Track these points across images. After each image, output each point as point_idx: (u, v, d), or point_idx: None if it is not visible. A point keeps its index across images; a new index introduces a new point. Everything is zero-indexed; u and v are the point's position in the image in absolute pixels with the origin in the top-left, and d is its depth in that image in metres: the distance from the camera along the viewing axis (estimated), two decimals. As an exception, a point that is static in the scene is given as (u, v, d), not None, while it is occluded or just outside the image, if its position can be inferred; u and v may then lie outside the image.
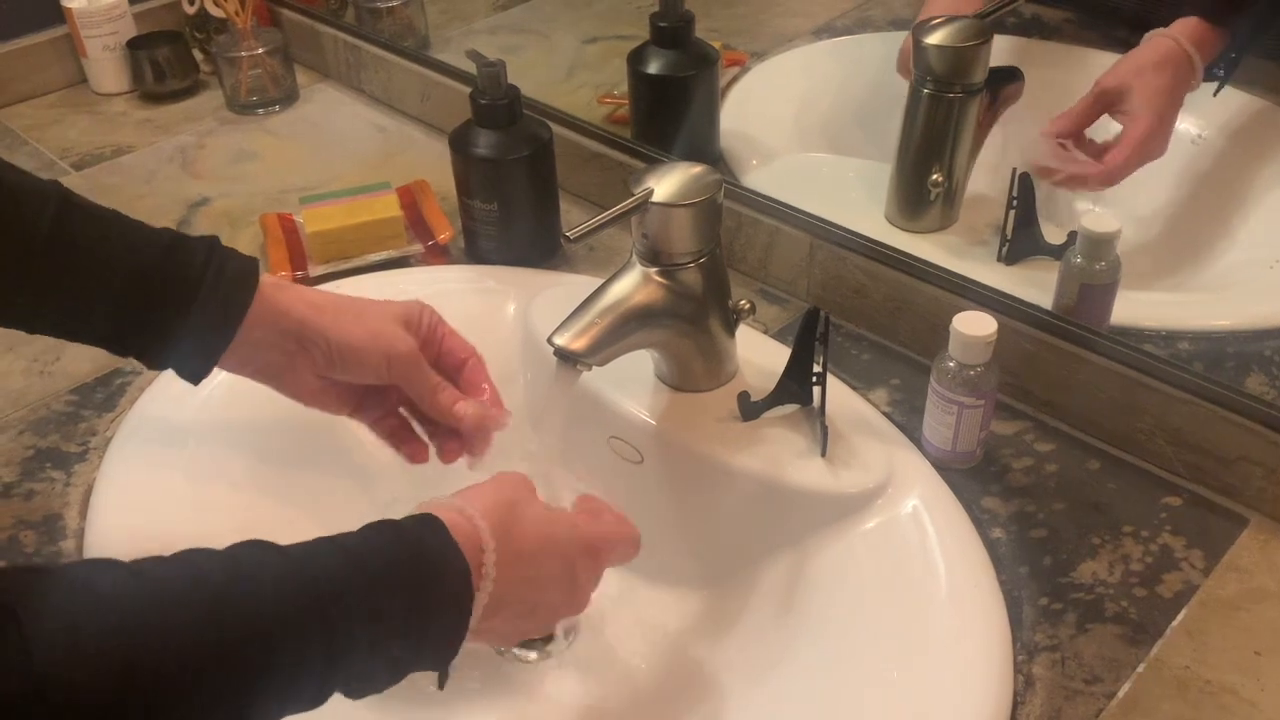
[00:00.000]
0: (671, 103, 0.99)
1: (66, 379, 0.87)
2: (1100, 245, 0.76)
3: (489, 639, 0.60)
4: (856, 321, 0.88)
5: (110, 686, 0.43)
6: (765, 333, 0.88)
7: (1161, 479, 0.75)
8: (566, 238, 0.68)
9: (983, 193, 0.91)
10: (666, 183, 0.70)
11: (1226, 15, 0.81)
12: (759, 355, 0.79)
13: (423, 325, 0.72)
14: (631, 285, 0.71)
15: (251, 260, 0.67)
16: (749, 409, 0.74)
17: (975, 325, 0.70)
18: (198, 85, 1.31)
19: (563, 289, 0.83)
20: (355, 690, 0.52)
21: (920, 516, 0.69)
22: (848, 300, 0.88)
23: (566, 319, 0.69)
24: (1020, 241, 0.86)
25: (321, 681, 0.50)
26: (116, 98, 1.31)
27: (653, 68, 0.97)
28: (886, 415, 0.79)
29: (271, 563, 0.50)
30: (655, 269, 0.71)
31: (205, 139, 1.21)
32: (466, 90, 0.93)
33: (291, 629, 0.48)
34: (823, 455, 0.72)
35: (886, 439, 0.75)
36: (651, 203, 0.69)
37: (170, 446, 0.77)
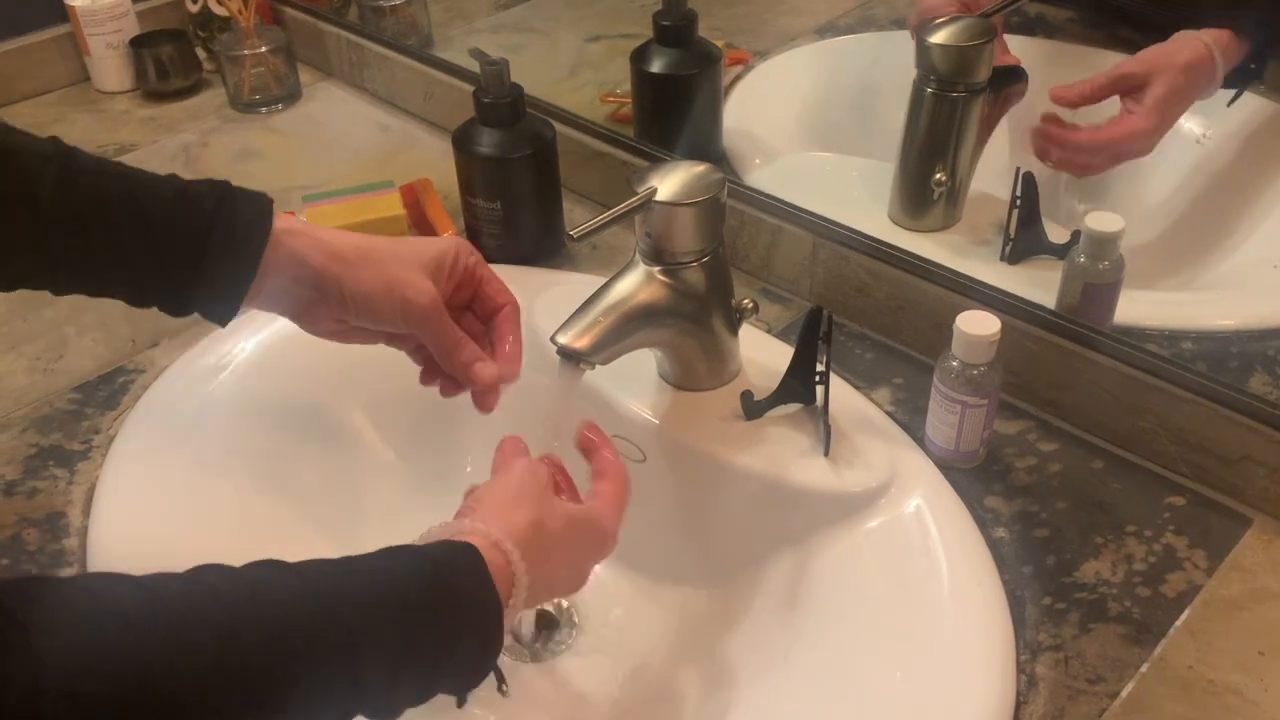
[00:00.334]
0: (674, 101, 0.99)
1: (69, 377, 0.87)
2: (1104, 244, 0.76)
3: None
4: (859, 321, 0.88)
5: (118, 704, 0.41)
6: (768, 332, 0.88)
7: (1165, 478, 0.75)
8: (570, 236, 0.68)
9: (986, 192, 0.91)
10: (670, 181, 0.70)
11: (1254, 29, 0.81)
12: (762, 354, 0.79)
13: (457, 268, 0.69)
14: (634, 284, 0.71)
15: (263, 205, 0.65)
16: (752, 408, 0.74)
17: (978, 324, 0.70)
18: (201, 84, 1.31)
19: (566, 288, 0.83)
20: (376, 713, 0.51)
21: (923, 516, 0.69)
22: (851, 299, 0.88)
23: (569, 318, 0.69)
24: (1023, 241, 0.86)
25: (341, 712, 0.49)
26: (119, 96, 1.31)
27: (656, 66, 0.97)
28: (889, 414, 0.79)
29: (289, 585, 0.48)
30: (658, 268, 0.71)
31: (208, 137, 1.21)
32: (469, 89, 0.93)
33: (310, 656, 0.47)
34: (826, 454, 0.72)
35: (889, 438, 0.75)
36: (655, 201, 0.69)
37: (173, 445, 0.77)
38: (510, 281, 0.90)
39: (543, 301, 0.85)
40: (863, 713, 0.61)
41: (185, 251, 0.63)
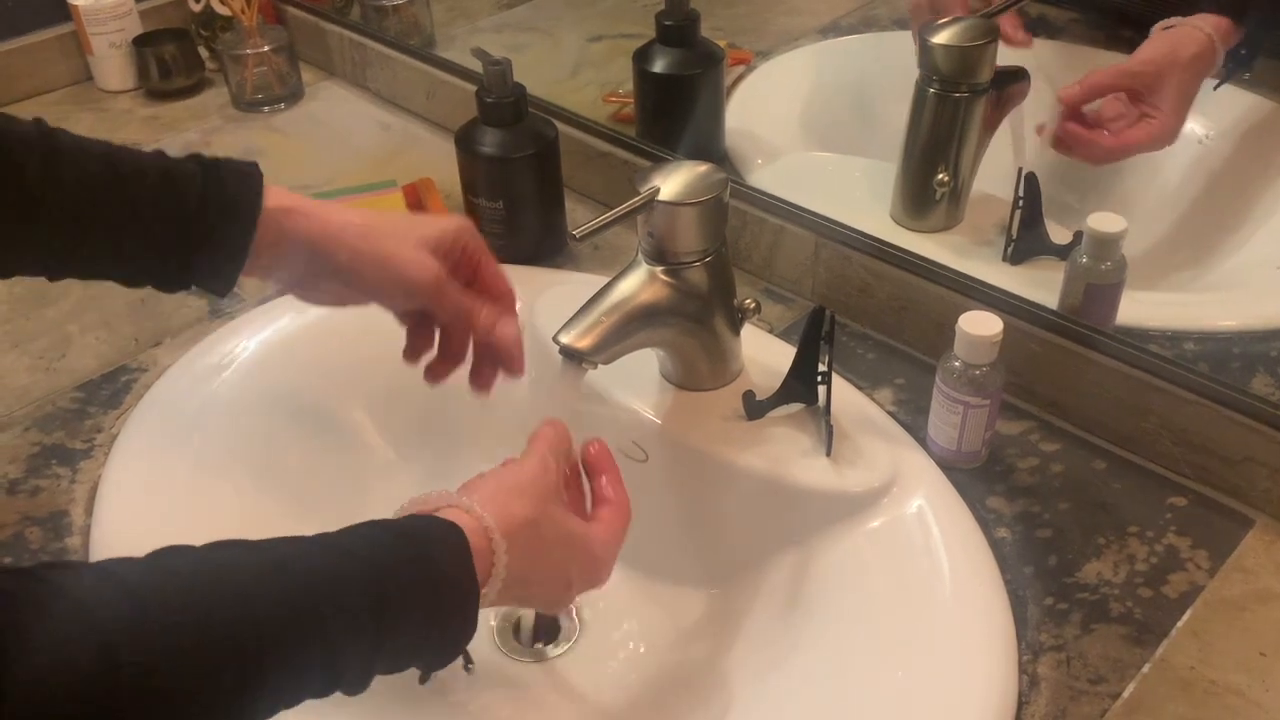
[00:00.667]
0: (677, 101, 0.99)
1: (72, 376, 0.87)
2: (1106, 245, 0.76)
3: None
4: (861, 321, 0.88)
5: (89, 696, 0.40)
6: (770, 332, 0.88)
7: (1167, 479, 0.74)
8: (572, 236, 0.67)
9: (988, 192, 0.91)
10: (672, 181, 0.70)
11: (1248, 13, 0.81)
12: (764, 354, 0.79)
13: (455, 248, 0.68)
14: (637, 284, 0.71)
15: (250, 184, 0.63)
16: (754, 408, 0.74)
17: (981, 325, 0.70)
18: (203, 83, 1.31)
19: (568, 287, 0.83)
20: (347, 689, 0.50)
21: (925, 516, 0.69)
22: (853, 299, 0.88)
23: (572, 317, 0.69)
24: (1026, 241, 0.86)
25: (320, 684, 0.48)
26: (122, 95, 1.31)
27: (658, 66, 0.97)
28: (891, 415, 0.79)
29: (250, 564, 0.47)
30: (661, 268, 0.71)
31: (211, 136, 1.22)
32: (472, 88, 0.93)
33: (282, 642, 0.46)
34: (827, 454, 0.72)
35: (891, 438, 0.75)
36: (658, 201, 0.69)
37: (176, 443, 0.77)
38: (512, 281, 0.90)
39: (545, 301, 0.85)
40: (864, 713, 0.61)
41: (176, 234, 0.62)
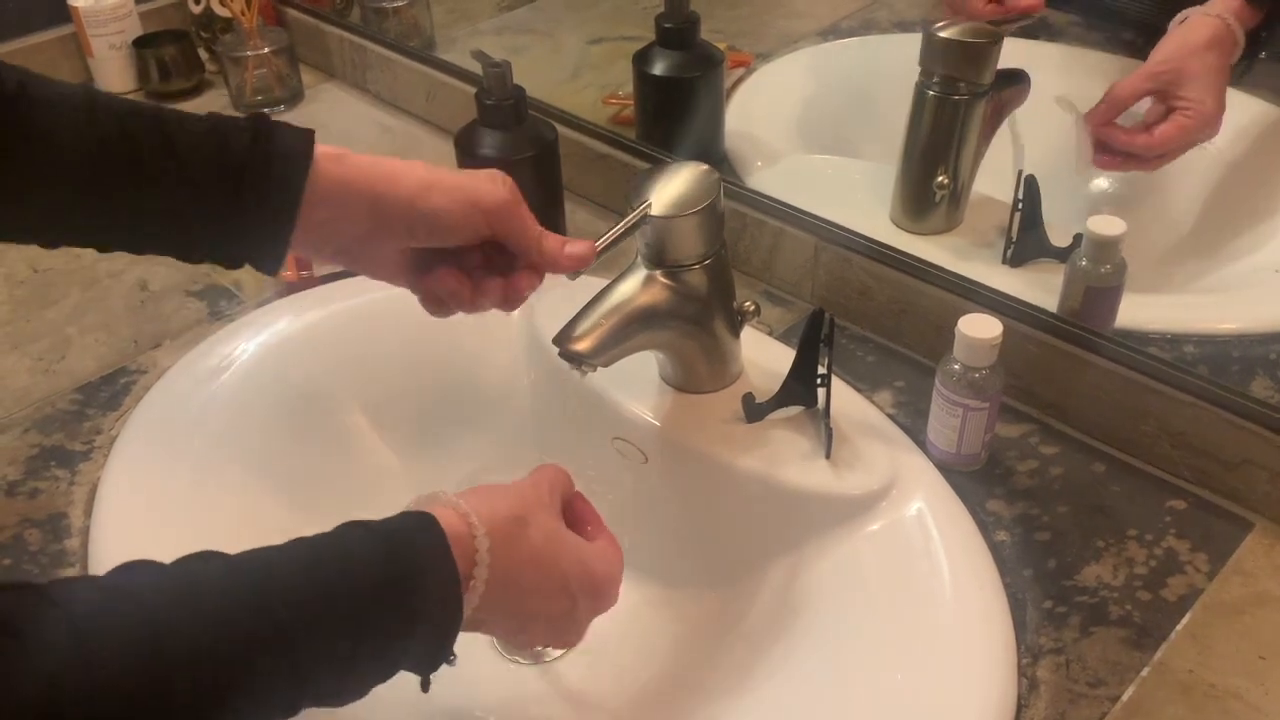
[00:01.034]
0: (676, 104, 0.99)
1: (71, 377, 0.87)
2: (1106, 248, 0.76)
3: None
4: (861, 323, 0.88)
5: None
6: (770, 334, 0.88)
7: (1166, 482, 0.74)
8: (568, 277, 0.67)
9: (988, 195, 0.91)
10: (666, 190, 0.69)
11: None
12: (763, 357, 0.79)
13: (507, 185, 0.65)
14: (636, 287, 0.71)
15: (302, 136, 0.61)
16: (753, 410, 0.74)
17: (980, 328, 0.70)
18: (203, 84, 1.31)
19: (567, 290, 0.82)
20: (326, 702, 0.49)
21: (924, 519, 0.69)
22: (852, 302, 0.88)
23: (571, 320, 0.69)
24: (1025, 244, 0.86)
25: (288, 703, 0.47)
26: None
27: (658, 69, 0.97)
28: (891, 417, 0.79)
29: (212, 585, 0.46)
30: (660, 270, 0.71)
31: (210, 138, 1.21)
32: (472, 90, 0.93)
33: (245, 663, 0.44)
34: (827, 457, 0.72)
35: (891, 441, 0.75)
36: (650, 216, 0.69)
37: (175, 445, 0.77)
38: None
39: (544, 304, 0.85)
40: (863, 716, 0.61)
41: (222, 189, 0.59)
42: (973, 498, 0.73)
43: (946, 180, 0.90)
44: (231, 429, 0.79)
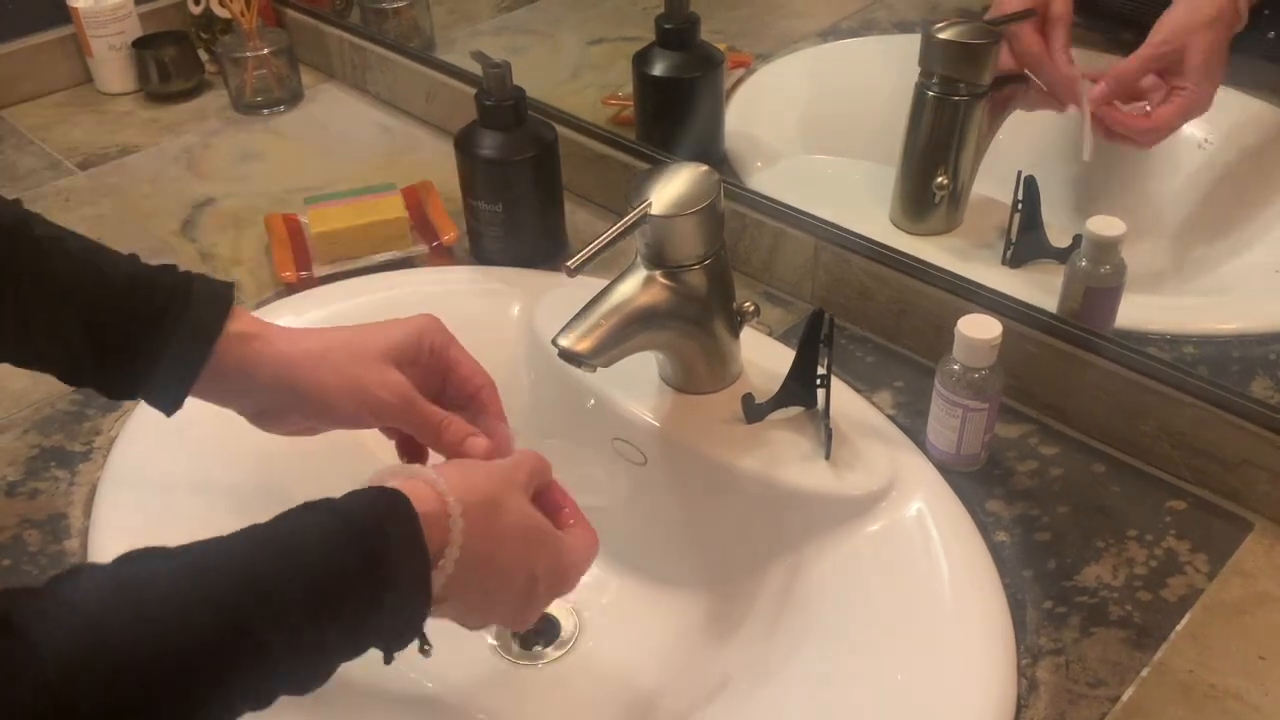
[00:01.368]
0: (676, 104, 0.99)
1: (71, 378, 0.87)
2: (1105, 248, 0.76)
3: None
4: (861, 324, 0.88)
5: None
6: (769, 335, 0.88)
7: (1166, 483, 0.74)
8: (568, 270, 0.66)
9: (988, 195, 0.91)
10: (666, 191, 0.69)
11: None
12: (763, 357, 0.79)
13: (423, 351, 0.66)
14: (636, 287, 0.71)
15: (220, 299, 0.62)
16: (753, 411, 0.74)
17: (980, 328, 0.70)
18: (203, 85, 1.31)
19: (567, 290, 0.82)
20: (292, 691, 0.48)
21: (924, 519, 0.69)
22: (852, 303, 0.88)
23: (571, 320, 0.69)
24: (1025, 244, 0.86)
25: (261, 691, 0.46)
26: (122, 97, 1.31)
27: (658, 69, 0.97)
28: (890, 418, 0.79)
29: (163, 581, 0.45)
30: (660, 271, 0.71)
31: (210, 139, 1.22)
32: (472, 91, 0.93)
33: (204, 662, 0.43)
34: (826, 458, 0.72)
35: (890, 442, 0.75)
36: (650, 215, 0.69)
37: (174, 446, 0.77)
38: (511, 284, 0.91)
39: (544, 304, 0.85)
40: (863, 716, 0.61)
41: (126, 344, 0.60)
42: (972, 498, 0.73)
43: (946, 181, 0.90)
44: (231, 429, 0.78)
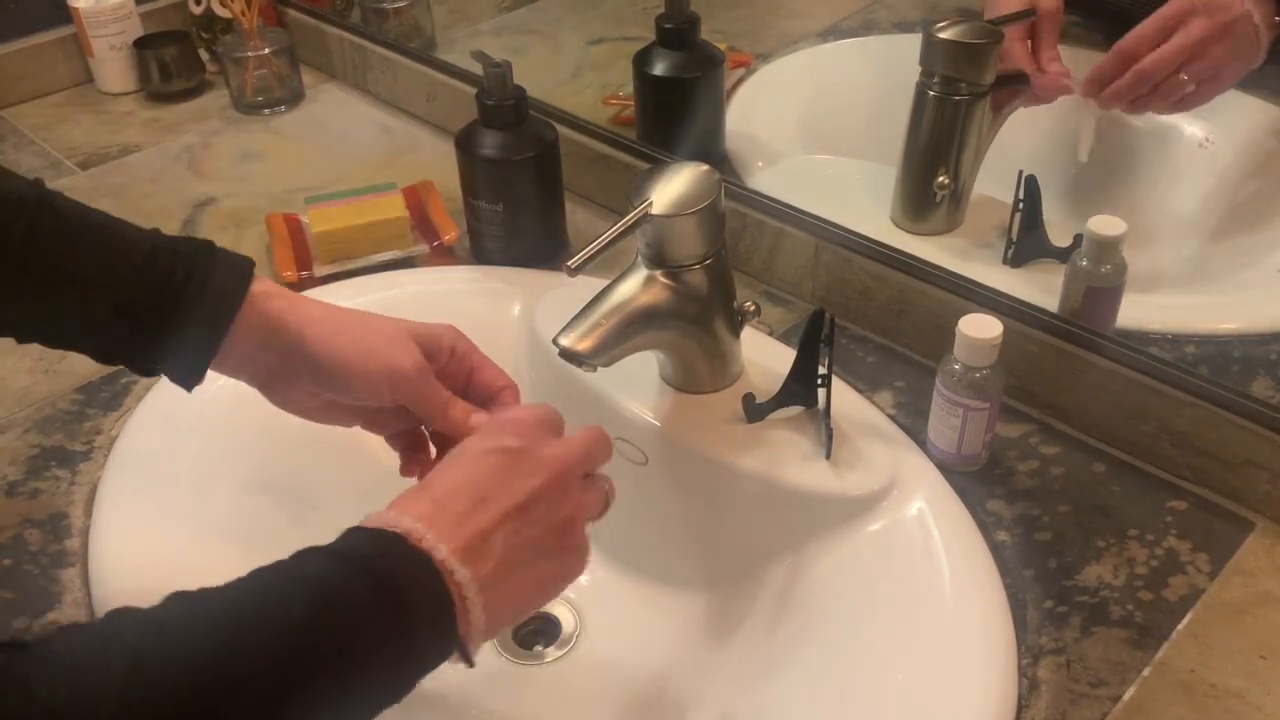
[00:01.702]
0: (677, 104, 0.99)
1: (72, 378, 0.87)
2: (1106, 248, 0.76)
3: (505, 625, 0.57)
4: (861, 323, 0.88)
5: None
6: (770, 334, 0.88)
7: (1167, 482, 0.74)
8: (568, 269, 0.66)
9: (989, 195, 0.91)
10: (667, 190, 0.69)
11: None
12: (764, 357, 0.79)
13: (443, 351, 0.66)
14: (636, 287, 0.71)
15: (242, 267, 0.63)
16: (753, 411, 0.74)
17: (981, 328, 0.70)
18: (204, 85, 1.31)
19: (568, 290, 0.82)
20: None
21: (925, 519, 0.69)
22: (853, 302, 0.88)
23: (571, 320, 0.69)
24: (1026, 244, 0.86)
25: None
26: (123, 97, 1.31)
27: (658, 69, 0.97)
28: (891, 417, 0.79)
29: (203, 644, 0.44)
30: (660, 270, 0.71)
31: (211, 139, 1.22)
32: (472, 91, 0.93)
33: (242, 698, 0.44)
34: (827, 457, 0.72)
35: (891, 441, 0.75)
36: (651, 215, 0.69)
37: (176, 446, 0.77)
38: (512, 283, 0.91)
39: (545, 303, 0.85)
40: (864, 715, 0.61)
41: (151, 313, 0.60)
42: (973, 498, 0.73)
43: (947, 180, 0.90)
44: (232, 429, 0.79)
